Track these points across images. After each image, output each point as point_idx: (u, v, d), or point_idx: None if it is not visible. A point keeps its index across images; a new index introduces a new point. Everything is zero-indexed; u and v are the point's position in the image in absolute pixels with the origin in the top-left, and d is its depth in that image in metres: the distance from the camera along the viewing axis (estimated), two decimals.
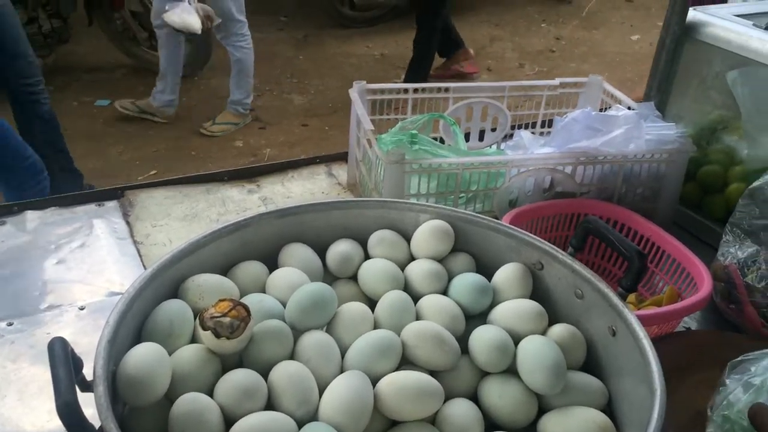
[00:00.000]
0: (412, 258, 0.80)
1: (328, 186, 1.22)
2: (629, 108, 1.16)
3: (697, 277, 0.90)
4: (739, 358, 0.70)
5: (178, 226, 1.09)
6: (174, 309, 0.65)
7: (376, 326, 0.71)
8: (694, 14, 1.14)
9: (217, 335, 0.60)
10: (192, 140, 3.49)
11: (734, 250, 0.92)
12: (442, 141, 1.28)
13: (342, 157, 1.28)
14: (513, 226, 0.79)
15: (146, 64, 3.84)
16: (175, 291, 0.69)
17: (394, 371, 0.65)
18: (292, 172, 1.25)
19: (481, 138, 1.30)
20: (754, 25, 1.09)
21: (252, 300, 0.69)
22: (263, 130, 3.74)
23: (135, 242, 1.06)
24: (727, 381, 0.68)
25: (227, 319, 0.61)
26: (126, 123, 3.45)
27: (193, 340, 0.65)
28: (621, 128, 0.98)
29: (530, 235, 0.77)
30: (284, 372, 0.61)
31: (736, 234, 0.93)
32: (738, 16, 1.13)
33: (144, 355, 0.58)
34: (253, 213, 0.77)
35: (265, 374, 0.62)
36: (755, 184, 0.92)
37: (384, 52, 4.76)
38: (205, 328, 0.61)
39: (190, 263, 0.71)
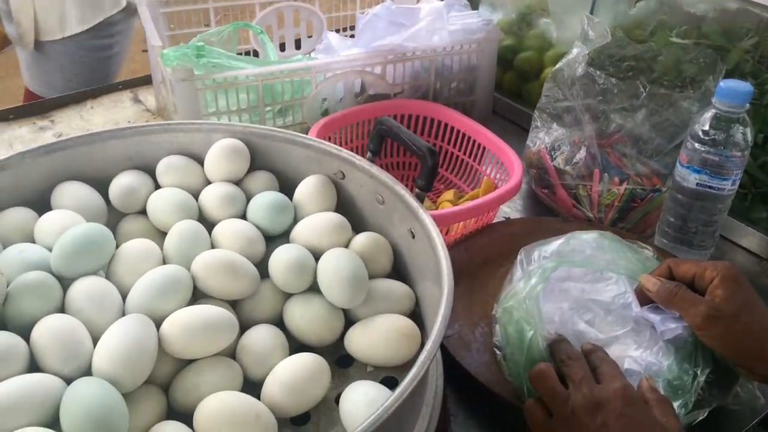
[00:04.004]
0: (209, 183, 0.74)
1: (134, 114, 1.12)
2: None
3: (509, 166, 0.89)
4: (531, 245, 0.70)
5: None
6: None
7: (166, 262, 0.65)
8: None
9: None
10: (16, 79, 3.16)
11: (542, 135, 0.92)
12: (255, 54, 1.20)
13: (148, 81, 1.17)
14: (309, 137, 0.74)
15: None
16: None
17: (184, 308, 0.60)
18: (92, 102, 1.13)
19: (298, 46, 1.23)
20: None
21: (11, 252, 0.61)
22: None
23: None
24: (515, 270, 0.68)
25: None
26: None
27: None
28: (423, 21, 0.94)
29: (328, 144, 0.73)
30: (46, 328, 0.54)
31: (543, 119, 0.93)
32: None
33: None
34: (10, 153, 0.68)
35: (28, 333, 0.55)
36: (557, 66, 0.91)
37: None
38: None
39: None
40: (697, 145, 0.78)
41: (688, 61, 0.89)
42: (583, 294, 0.68)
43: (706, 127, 0.77)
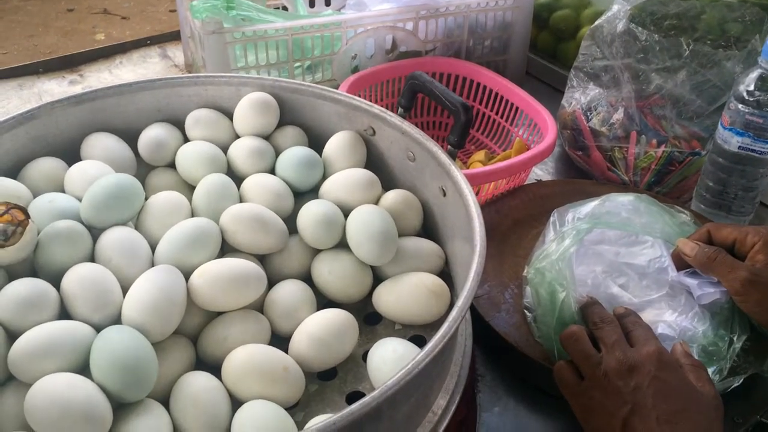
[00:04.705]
0: (238, 137, 0.73)
1: (163, 69, 1.11)
2: None
3: (543, 126, 0.87)
4: (564, 206, 0.68)
5: None
6: None
7: (194, 215, 0.65)
8: None
9: None
10: (45, 38, 3.17)
11: (578, 95, 0.90)
12: (285, 10, 1.18)
13: (177, 36, 1.16)
14: (339, 91, 0.72)
15: None
16: None
17: (213, 260, 0.59)
18: (120, 57, 1.12)
19: (327, 3, 1.20)
20: None
21: (42, 201, 0.61)
22: (126, 20, 3.43)
23: None
24: (548, 231, 0.66)
25: None
26: None
27: None
28: None
29: (358, 99, 0.71)
30: (76, 276, 0.54)
31: (580, 78, 0.90)
32: None
33: None
34: (40, 102, 0.67)
35: (59, 281, 0.55)
36: (596, 23, 0.88)
37: None
38: None
39: None
40: (740, 106, 0.75)
41: (733, 19, 0.85)
42: (617, 257, 0.67)
43: (751, 88, 0.74)
